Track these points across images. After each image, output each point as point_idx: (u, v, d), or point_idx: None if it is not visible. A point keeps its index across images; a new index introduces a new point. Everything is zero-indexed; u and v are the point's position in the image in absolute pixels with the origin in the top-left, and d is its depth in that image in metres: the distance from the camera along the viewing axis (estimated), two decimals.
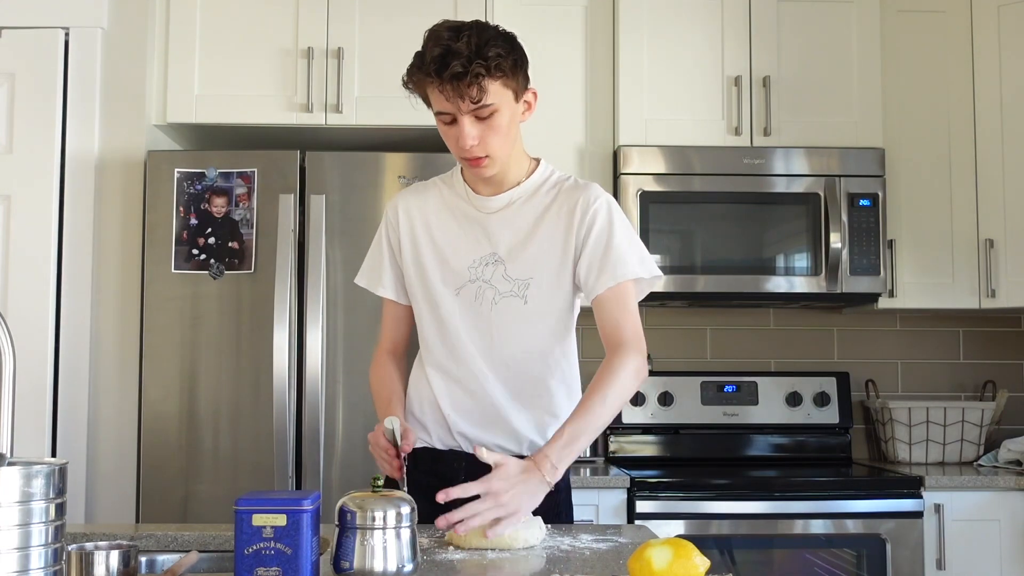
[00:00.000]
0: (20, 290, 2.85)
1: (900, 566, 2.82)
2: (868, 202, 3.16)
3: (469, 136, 1.76)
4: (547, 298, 1.88)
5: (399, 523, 1.38)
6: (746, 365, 3.52)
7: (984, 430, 3.31)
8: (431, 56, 1.72)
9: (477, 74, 1.70)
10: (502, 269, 1.88)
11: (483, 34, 1.73)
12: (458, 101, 1.73)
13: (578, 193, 1.89)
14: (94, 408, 2.88)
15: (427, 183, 2.01)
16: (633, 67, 3.19)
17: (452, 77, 1.70)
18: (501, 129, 1.78)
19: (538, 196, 1.90)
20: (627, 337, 1.81)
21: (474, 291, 1.88)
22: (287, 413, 2.78)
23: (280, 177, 2.88)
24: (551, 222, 1.88)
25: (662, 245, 3.15)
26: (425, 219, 1.94)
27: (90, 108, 2.94)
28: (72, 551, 1.34)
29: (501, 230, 1.89)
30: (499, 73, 1.73)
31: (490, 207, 1.90)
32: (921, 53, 3.31)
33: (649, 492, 2.83)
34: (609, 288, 1.83)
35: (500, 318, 1.87)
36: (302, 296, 2.84)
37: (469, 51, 1.70)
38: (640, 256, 1.87)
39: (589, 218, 1.86)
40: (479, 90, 1.72)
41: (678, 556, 1.23)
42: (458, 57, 1.69)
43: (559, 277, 1.88)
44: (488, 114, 1.75)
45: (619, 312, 1.83)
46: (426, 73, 1.73)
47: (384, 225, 1.99)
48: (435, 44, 1.72)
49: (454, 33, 1.73)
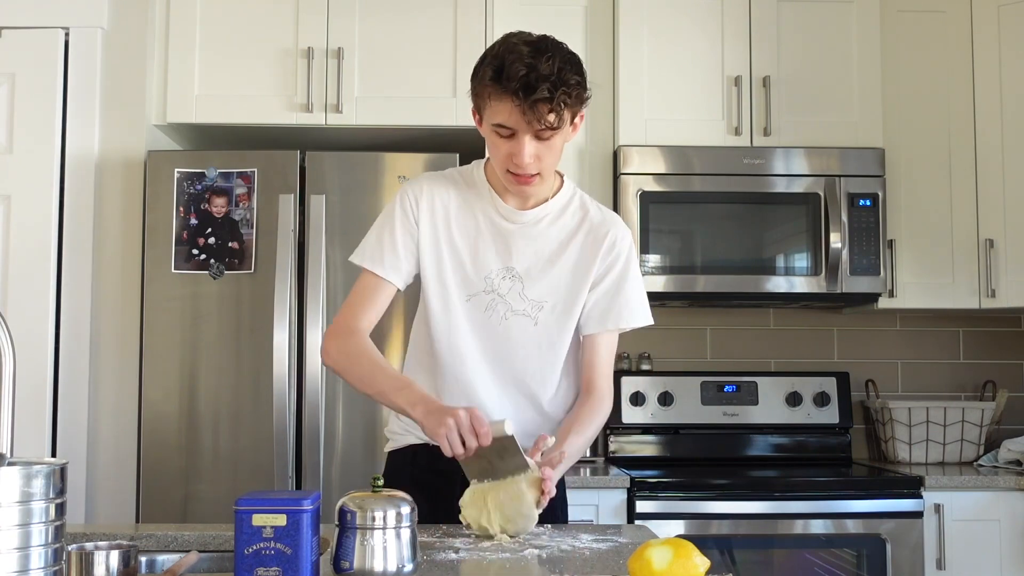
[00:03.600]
0: (20, 290, 2.85)
1: (900, 566, 2.82)
2: (868, 202, 3.16)
3: (528, 154, 1.74)
4: (557, 323, 1.89)
5: (399, 523, 1.38)
6: (746, 365, 3.52)
7: (984, 430, 3.31)
8: (514, 73, 1.67)
9: (562, 101, 1.68)
10: (519, 287, 1.87)
11: (562, 55, 1.70)
12: (533, 122, 1.70)
13: (606, 227, 1.90)
14: (94, 408, 2.88)
15: (444, 174, 1.95)
16: (633, 67, 3.19)
17: (536, 101, 1.67)
18: (555, 150, 1.78)
19: (564, 218, 1.90)
20: (606, 384, 1.91)
21: (486, 302, 1.87)
22: (287, 413, 2.78)
23: (280, 177, 2.88)
24: (576, 251, 1.89)
25: (662, 245, 3.15)
26: (446, 214, 1.89)
27: (90, 108, 2.94)
28: (72, 551, 1.34)
29: (525, 246, 1.87)
30: (576, 102, 1.73)
31: (519, 219, 1.88)
32: (921, 53, 3.31)
33: (649, 492, 2.83)
34: (608, 331, 1.90)
35: (508, 334, 1.87)
36: (302, 296, 2.84)
37: (553, 75, 1.67)
38: (643, 304, 1.94)
39: (612, 257, 1.90)
40: (558, 117, 1.70)
41: (678, 556, 1.23)
42: (544, 81, 1.66)
43: (572, 305, 1.89)
44: (550, 136, 1.74)
45: (607, 356, 1.92)
46: (507, 90, 1.68)
47: (401, 206, 1.89)
48: (516, 60, 1.67)
49: (534, 51, 1.69)
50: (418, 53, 3.08)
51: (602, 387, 1.90)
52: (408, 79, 3.07)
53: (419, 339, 1.95)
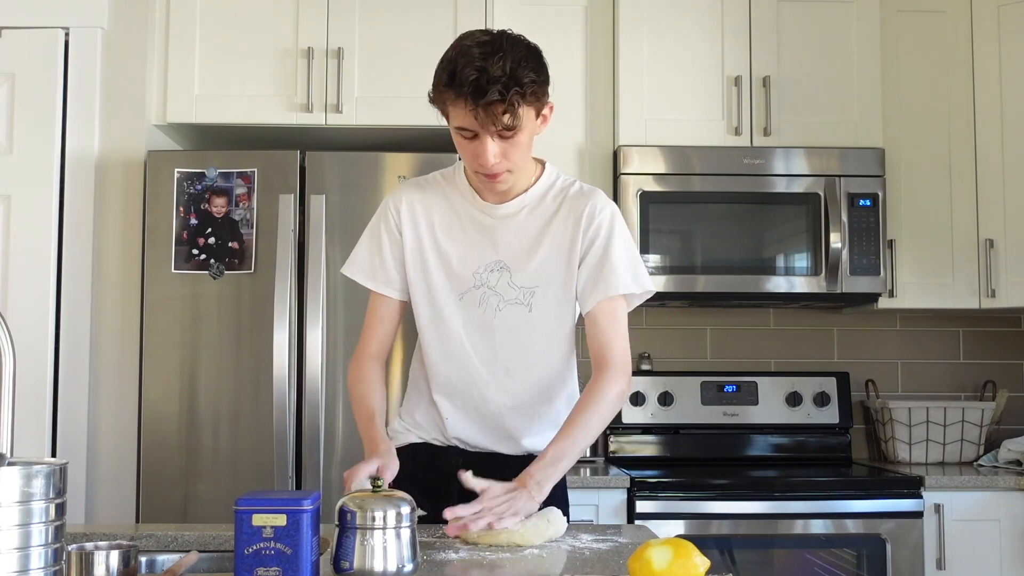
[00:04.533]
0: (20, 290, 2.85)
1: (900, 566, 2.82)
2: (868, 202, 3.16)
3: (492, 155, 1.74)
4: (552, 306, 1.88)
5: (399, 523, 1.38)
6: (746, 365, 3.52)
7: (984, 430, 3.31)
8: (465, 78, 1.66)
9: (513, 102, 1.67)
10: (507, 276, 1.87)
11: (515, 53, 1.69)
12: (487, 124, 1.69)
13: (584, 201, 1.88)
14: (94, 408, 2.88)
15: (427, 179, 1.97)
16: (633, 67, 3.19)
17: (488, 103, 1.67)
18: (522, 146, 1.77)
19: (545, 203, 1.89)
20: (615, 359, 1.83)
21: (478, 297, 1.87)
22: (287, 413, 2.78)
23: (280, 177, 2.88)
24: (558, 230, 1.87)
25: (662, 245, 3.15)
26: (429, 219, 1.91)
27: (90, 108, 2.94)
28: (72, 551, 1.34)
29: (508, 237, 1.87)
30: (533, 99, 1.72)
31: (498, 214, 1.88)
32: (921, 53, 3.31)
33: (649, 492, 2.83)
34: (600, 302, 1.84)
35: (504, 325, 1.87)
36: (302, 296, 2.84)
37: (504, 76, 1.66)
38: (634, 271, 1.87)
39: (594, 228, 1.86)
40: (513, 117, 1.69)
41: (678, 556, 1.23)
42: (494, 83, 1.65)
43: (564, 286, 1.88)
44: (511, 134, 1.73)
45: (609, 330, 1.84)
46: (459, 94, 1.68)
47: (384, 217, 1.92)
48: (467, 64, 1.67)
49: (485, 52, 1.67)
50: (418, 53, 3.08)
51: (611, 359, 1.83)
52: (408, 79, 3.06)
53: (420, 346, 1.95)
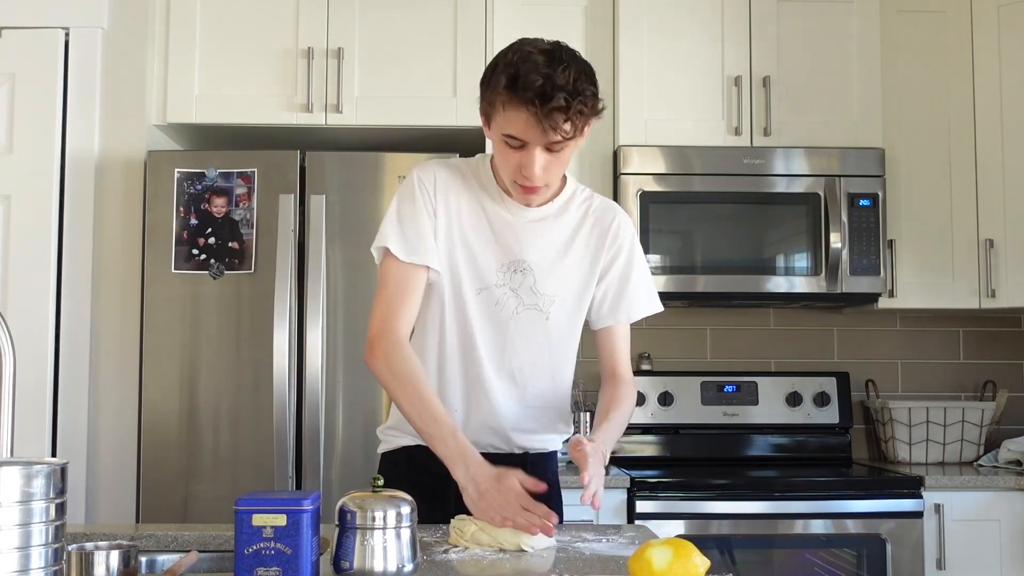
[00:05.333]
0: (20, 290, 2.85)
1: (900, 566, 2.82)
2: (868, 202, 3.16)
3: (538, 167, 1.72)
4: (568, 316, 1.90)
5: (399, 523, 1.38)
6: (746, 365, 3.52)
7: (984, 430, 3.31)
8: (530, 82, 1.63)
9: (578, 111, 1.66)
10: (531, 281, 1.86)
11: (577, 65, 1.68)
12: (548, 132, 1.67)
13: (609, 216, 1.91)
14: (94, 408, 2.88)
15: (452, 164, 1.90)
16: (633, 67, 3.19)
17: (552, 110, 1.64)
18: (564, 160, 1.76)
19: (569, 211, 1.90)
20: (627, 372, 1.95)
21: (497, 296, 1.85)
22: (287, 413, 2.78)
23: (280, 177, 2.88)
24: (582, 243, 1.89)
25: (662, 245, 3.15)
26: (459, 205, 1.86)
27: (90, 108, 2.94)
28: (72, 551, 1.34)
29: (534, 240, 1.86)
30: (591, 112, 1.70)
31: (525, 217, 1.86)
32: (921, 53, 3.31)
33: (649, 492, 2.83)
34: (619, 321, 1.92)
35: (518, 329, 1.86)
36: (302, 296, 2.84)
37: (569, 85, 1.64)
38: (650, 293, 1.96)
39: (616, 246, 1.91)
40: (573, 127, 1.68)
41: (678, 556, 1.23)
42: (560, 91, 1.63)
43: (580, 297, 1.90)
44: (560, 148, 1.72)
45: (622, 346, 1.95)
46: (522, 99, 1.65)
47: (418, 190, 1.84)
48: (532, 69, 1.64)
49: (550, 60, 1.66)
50: (418, 53, 3.08)
51: (626, 375, 1.94)
52: (408, 79, 3.07)
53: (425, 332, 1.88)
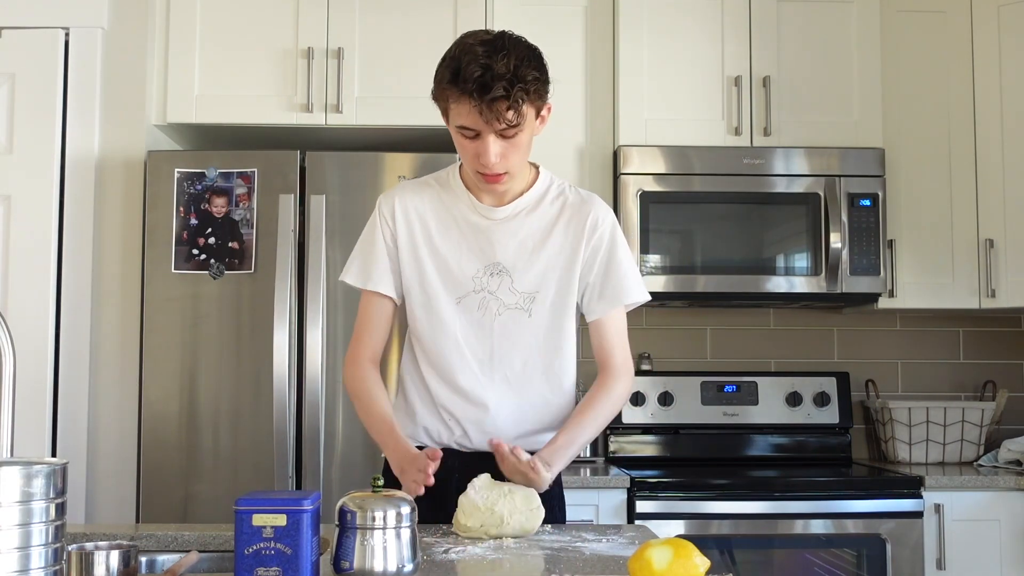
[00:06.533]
0: (20, 290, 2.85)
1: (900, 566, 2.82)
2: (868, 202, 3.16)
3: (493, 154, 1.75)
4: (552, 312, 1.89)
5: (399, 523, 1.38)
6: (746, 365, 3.52)
7: (984, 430, 3.31)
8: (470, 74, 1.68)
9: (519, 99, 1.69)
10: (508, 281, 1.88)
11: (518, 51, 1.71)
12: (492, 121, 1.71)
13: (586, 209, 1.91)
14: (94, 408, 2.88)
15: (420, 181, 1.97)
16: (633, 67, 3.19)
17: (493, 100, 1.68)
18: (522, 146, 1.79)
19: (543, 207, 1.91)
20: (619, 362, 1.93)
21: (477, 301, 1.88)
22: (287, 413, 2.78)
23: (280, 177, 2.88)
24: (559, 237, 1.89)
25: (662, 245, 3.15)
26: (424, 222, 1.91)
27: (90, 108, 2.94)
28: (72, 551, 1.34)
29: (506, 240, 1.88)
30: (536, 97, 1.74)
31: (495, 216, 1.89)
32: (921, 53, 3.31)
33: (649, 492, 2.83)
34: (607, 311, 1.91)
35: (503, 330, 1.87)
36: (302, 296, 2.84)
37: (508, 73, 1.68)
38: (637, 280, 1.94)
39: (597, 238, 1.90)
40: (517, 114, 1.71)
41: (678, 556, 1.23)
42: (499, 80, 1.67)
43: (564, 292, 1.90)
44: (513, 133, 1.75)
45: (614, 336, 1.93)
46: (463, 91, 1.70)
47: (377, 221, 1.93)
48: (472, 61, 1.69)
49: (489, 50, 1.70)
50: (418, 53, 3.07)
51: (616, 364, 1.92)
52: (408, 79, 3.06)
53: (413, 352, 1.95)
